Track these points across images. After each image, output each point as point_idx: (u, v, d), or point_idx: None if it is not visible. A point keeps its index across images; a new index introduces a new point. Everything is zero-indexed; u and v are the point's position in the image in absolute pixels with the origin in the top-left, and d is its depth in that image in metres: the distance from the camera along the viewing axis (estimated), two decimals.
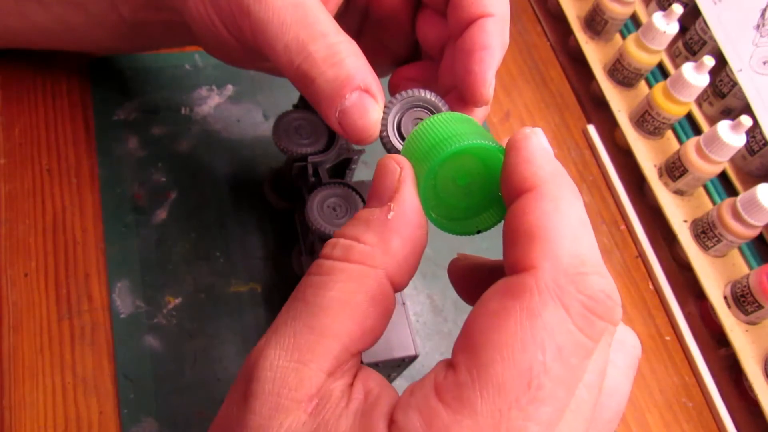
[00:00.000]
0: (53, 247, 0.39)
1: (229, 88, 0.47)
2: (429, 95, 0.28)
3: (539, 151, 0.21)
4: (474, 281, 0.25)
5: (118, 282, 0.38)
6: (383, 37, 0.34)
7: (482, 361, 0.18)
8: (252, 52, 0.30)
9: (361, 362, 0.31)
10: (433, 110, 0.28)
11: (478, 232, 0.24)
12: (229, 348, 0.38)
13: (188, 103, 0.46)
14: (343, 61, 0.26)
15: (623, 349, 0.22)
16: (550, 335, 0.18)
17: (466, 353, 0.19)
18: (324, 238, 0.35)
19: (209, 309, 0.39)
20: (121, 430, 0.34)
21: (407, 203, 0.22)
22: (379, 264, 0.22)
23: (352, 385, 0.21)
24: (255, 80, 0.48)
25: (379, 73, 0.30)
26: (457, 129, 0.23)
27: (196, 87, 0.47)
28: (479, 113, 0.29)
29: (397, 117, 0.28)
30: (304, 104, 0.40)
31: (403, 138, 0.28)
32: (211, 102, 0.46)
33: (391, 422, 0.19)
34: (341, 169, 0.39)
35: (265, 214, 0.43)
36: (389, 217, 0.22)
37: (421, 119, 0.28)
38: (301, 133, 0.38)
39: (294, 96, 0.41)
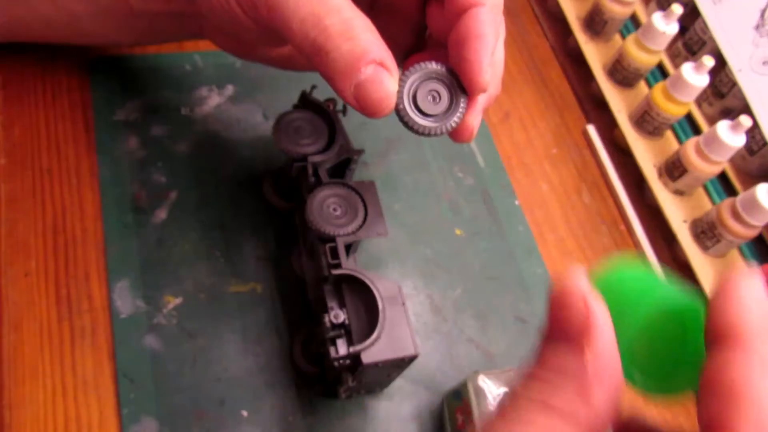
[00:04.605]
0: (53, 247, 0.39)
1: (229, 89, 0.47)
2: (442, 68, 0.28)
3: (752, 298, 0.18)
4: None
5: (118, 282, 0.38)
6: (390, 28, 0.35)
7: None
8: (264, 33, 0.31)
9: (362, 363, 0.31)
10: (446, 82, 0.28)
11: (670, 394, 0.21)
12: (229, 348, 0.38)
13: (188, 103, 0.46)
14: (358, 36, 0.27)
15: None
16: None
17: None
18: (324, 238, 0.35)
19: (209, 309, 0.39)
20: (121, 430, 0.34)
21: (606, 343, 0.18)
22: (583, 421, 0.18)
23: None
24: (255, 80, 0.48)
25: None
26: (652, 282, 0.21)
27: (196, 87, 0.47)
28: (480, 100, 0.30)
29: (412, 89, 0.28)
30: (304, 104, 0.40)
31: (418, 110, 0.28)
32: (211, 102, 0.46)
33: None
34: (341, 169, 0.39)
35: (265, 214, 0.43)
36: (586, 361, 0.18)
37: (437, 91, 0.28)
38: (301, 133, 0.38)
39: (294, 96, 0.41)
